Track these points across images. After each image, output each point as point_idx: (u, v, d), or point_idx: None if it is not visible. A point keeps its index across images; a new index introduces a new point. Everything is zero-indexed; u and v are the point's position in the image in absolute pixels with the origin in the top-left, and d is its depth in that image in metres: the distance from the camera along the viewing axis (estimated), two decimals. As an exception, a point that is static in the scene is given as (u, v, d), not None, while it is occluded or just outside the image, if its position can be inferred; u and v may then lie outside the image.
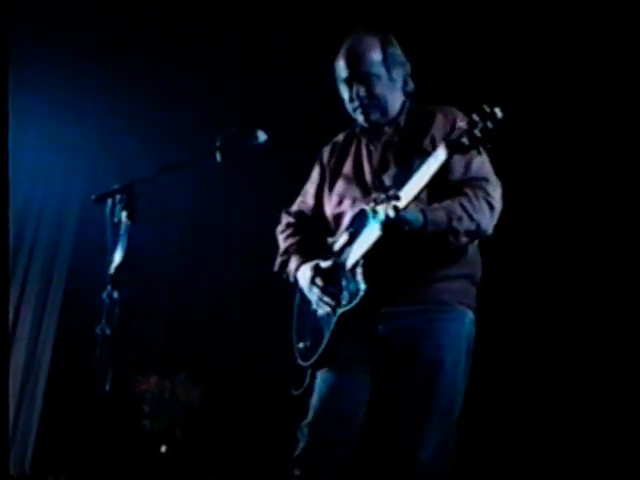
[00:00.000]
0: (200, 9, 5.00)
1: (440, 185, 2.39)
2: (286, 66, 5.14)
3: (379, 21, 4.58)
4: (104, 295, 2.19)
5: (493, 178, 2.55)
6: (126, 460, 4.62)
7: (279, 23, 5.04)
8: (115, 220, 2.27)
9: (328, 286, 2.58)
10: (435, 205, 2.45)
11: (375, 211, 2.36)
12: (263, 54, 5.18)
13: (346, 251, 2.57)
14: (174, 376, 4.95)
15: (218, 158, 2.46)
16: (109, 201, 2.29)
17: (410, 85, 2.70)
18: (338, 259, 2.60)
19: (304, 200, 2.92)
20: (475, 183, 2.49)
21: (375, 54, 2.61)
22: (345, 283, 2.54)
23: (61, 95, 5.26)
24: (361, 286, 2.46)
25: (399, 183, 2.38)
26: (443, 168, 2.27)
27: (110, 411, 2.17)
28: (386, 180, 2.58)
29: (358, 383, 2.58)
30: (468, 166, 2.51)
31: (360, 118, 2.68)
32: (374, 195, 2.43)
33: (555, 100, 4.66)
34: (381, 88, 2.61)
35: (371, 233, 2.42)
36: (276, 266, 2.86)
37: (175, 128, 5.41)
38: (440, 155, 2.24)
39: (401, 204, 2.29)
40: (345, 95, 2.68)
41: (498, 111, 2.16)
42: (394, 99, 2.66)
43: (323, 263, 2.64)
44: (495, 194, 2.51)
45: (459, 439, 2.53)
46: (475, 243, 2.60)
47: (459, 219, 2.41)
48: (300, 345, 2.69)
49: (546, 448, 4.40)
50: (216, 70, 5.33)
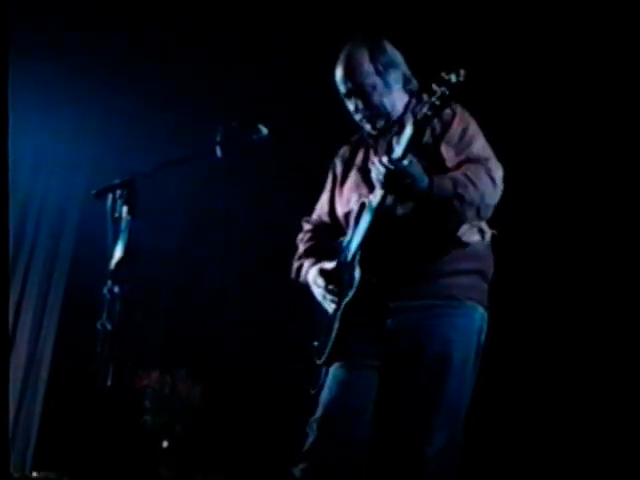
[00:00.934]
0: (200, 8, 5.00)
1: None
2: (286, 64, 5.15)
3: (377, 21, 4.64)
4: (105, 290, 2.19)
5: (494, 159, 2.56)
6: (127, 455, 4.63)
7: (279, 23, 5.04)
8: (116, 215, 2.27)
9: (329, 284, 2.63)
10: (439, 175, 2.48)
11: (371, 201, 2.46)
12: (263, 52, 5.18)
13: (349, 246, 2.62)
14: (175, 372, 4.96)
15: (219, 153, 2.46)
16: (110, 196, 2.29)
17: (413, 83, 2.72)
18: (342, 255, 2.64)
19: (321, 206, 2.96)
20: (476, 162, 2.51)
21: (365, 65, 2.65)
22: (347, 276, 2.56)
23: (61, 91, 5.26)
24: (356, 274, 2.49)
25: None
26: (437, 158, 2.46)
27: (111, 407, 2.17)
28: None
29: (367, 379, 2.59)
30: (467, 148, 2.53)
31: (367, 127, 2.73)
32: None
33: (558, 101, 4.66)
34: (378, 97, 2.66)
35: (365, 219, 2.49)
36: (292, 272, 2.90)
37: (176, 124, 5.41)
38: (407, 131, 2.36)
39: (395, 155, 2.37)
40: (349, 108, 2.73)
41: (453, 77, 2.27)
42: (395, 102, 2.69)
43: (328, 264, 2.68)
44: (497, 172, 2.52)
45: (464, 436, 2.53)
46: (485, 239, 2.61)
47: (464, 186, 2.41)
48: (315, 344, 2.70)
49: (550, 446, 4.40)
50: (217, 66, 5.33)
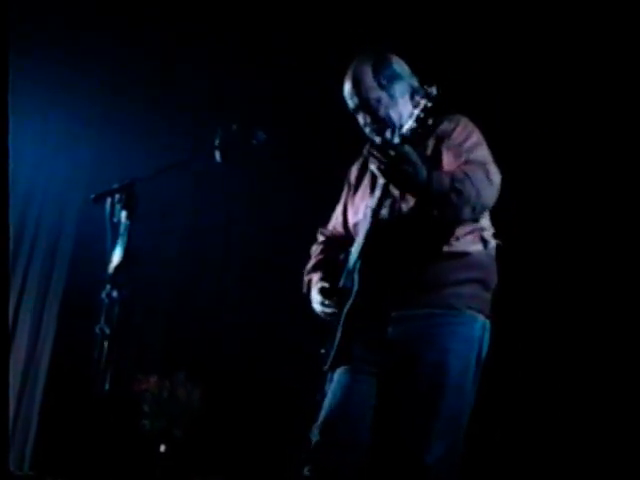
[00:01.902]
0: (200, 9, 5.01)
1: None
2: (286, 67, 5.15)
3: (379, 26, 4.66)
4: (103, 295, 2.19)
5: (493, 165, 2.58)
6: (125, 459, 4.62)
7: (279, 23, 5.05)
8: (115, 220, 2.27)
9: (326, 300, 2.70)
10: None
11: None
12: (263, 54, 5.19)
13: (350, 254, 2.67)
14: (174, 376, 4.95)
15: (217, 157, 2.46)
16: (108, 200, 2.29)
17: (419, 95, 2.67)
18: (345, 265, 2.68)
19: (336, 217, 3.00)
20: (475, 163, 2.54)
21: (368, 80, 2.72)
22: (349, 284, 2.60)
23: (60, 94, 5.26)
24: (355, 280, 2.54)
25: None
26: (438, 165, 2.53)
27: (109, 411, 2.16)
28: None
29: (369, 386, 2.62)
30: (467, 152, 2.56)
31: (377, 139, 2.77)
32: None
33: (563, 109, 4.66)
34: (384, 110, 2.71)
35: (365, 227, 2.55)
36: (303, 287, 2.91)
37: (176, 127, 5.41)
38: (395, 139, 2.46)
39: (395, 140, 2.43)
40: (359, 121, 2.80)
41: (433, 90, 2.42)
42: (402, 113, 2.71)
43: (323, 282, 2.76)
44: (494, 175, 2.53)
45: (466, 443, 2.54)
46: (488, 248, 2.63)
47: (461, 181, 2.43)
48: (322, 351, 2.73)
49: (553, 453, 4.40)
50: (216, 70, 5.34)
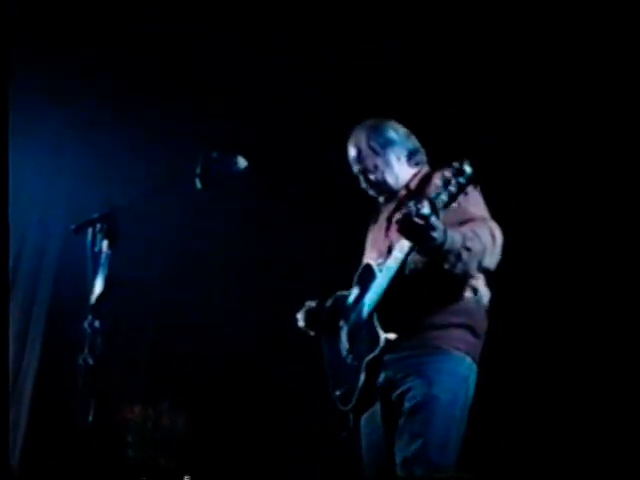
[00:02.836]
0: (182, 38, 5.02)
1: None
2: (269, 94, 5.18)
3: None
4: (86, 325, 2.18)
5: (492, 221, 2.78)
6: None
7: (265, 49, 5.07)
8: (96, 249, 2.26)
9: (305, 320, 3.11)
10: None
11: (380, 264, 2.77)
12: (247, 81, 5.21)
13: (360, 303, 2.84)
14: (158, 405, 4.92)
15: (198, 185, 2.47)
16: (89, 230, 2.29)
17: (418, 156, 3.00)
18: (354, 312, 2.87)
19: None
20: (478, 220, 2.74)
21: (363, 149, 2.98)
22: (364, 334, 2.78)
23: (40, 121, 5.24)
24: (381, 333, 2.69)
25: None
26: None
27: (93, 441, 2.15)
28: (391, 235, 2.86)
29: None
30: (467, 210, 2.72)
31: (380, 199, 3.06)
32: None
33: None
34: (381, 174, 2.96)
35: (380, 282, 2.72)
36: None
37: (156, 155, 5.40)
38: (425, 209, 2.51)
39: (425, 210, 2.52)
40: (361, 184, 3.06)
41: (467, 167, 2.50)
42: (399, 176, 2.97)
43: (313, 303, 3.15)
44: (496, 231, 2.73)
45: (470, 449, 2.68)
46: (478, 296, 2.81)
47: (471, 239, 2.62)
48: (337, 393, 2.92)
49: (557, 459, 4.40)
50: (198, 98, 5.34)
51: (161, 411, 4.90)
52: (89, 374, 2.15)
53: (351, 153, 3.03)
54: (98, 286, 2.23)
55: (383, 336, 2.67)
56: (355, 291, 2.92)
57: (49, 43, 5.03)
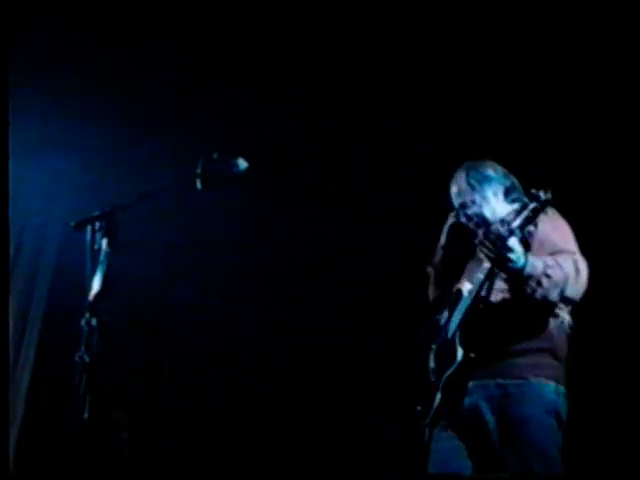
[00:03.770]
0: (181, 37, 5.03)
1: None
2: (269, 96, 5.18)
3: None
4: (83, 322, 2.18)
5: (578, 254, 2.96)
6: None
7: (262, 53, 5.08)
8: (95, 247, 2.26)
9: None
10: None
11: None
12: (246, 83, 5.22)
13: (447, 325, 3.01)
14: (153, 403, 4.92)
15: (198, 185, 2.47)
16: (89, 228, 2.29)
17: (515, 194, 3.13)
18: (442, 333, 3.02)
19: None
20: (564, 252, 2.92)
21: (463, 185, 3.14)
22: (447, 351, 2.94)
23: (40, 120, 5.25)
24: (459, 351, 2.86)
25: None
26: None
27: (88, 439, 2.15)
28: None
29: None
30: (555, 243, 2.95)
31: (479, 233, 3.13)
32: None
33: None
34: (478, 209, 3.12)
35: (464, 303, 2.92)
36: None
37: (157, 154, 5.41)
38: (502, 231, 2.76)
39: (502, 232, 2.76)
40: (462, 219, 3.21)
41: (542, 193, 2.74)
42: (496, 210, 3.11)
43: None
44: (582, 264, 2.90)
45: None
46: (558, 321, 2.96)
47: (552, 267, 2.80)
48: (418, 408, 3.03)
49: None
50: (199, 98, 5.35)
51: (157, 409, 4.90)
52: (85, 372, 2.15)
53: (452, 190, 3.19)
54: (96, 284, 2.22)
55: (461, 352, 2.83)
56: (446, 314, 3.06)
57: (49, 43, 5.04)
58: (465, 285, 3.03)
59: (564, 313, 3.00)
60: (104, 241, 2.26)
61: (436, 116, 4.91)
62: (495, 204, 3.12)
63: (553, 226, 2.99)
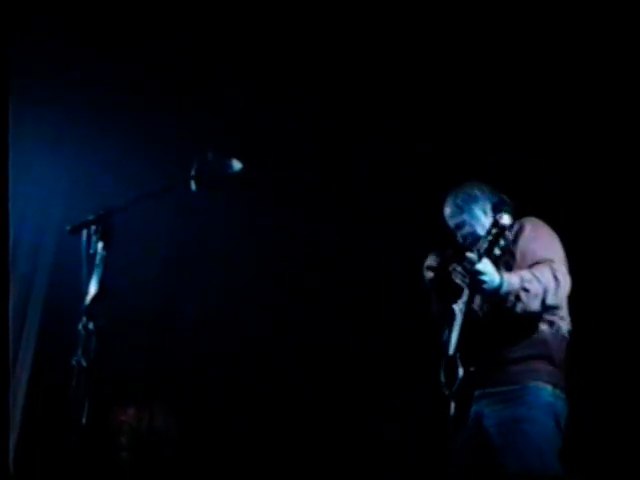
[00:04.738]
0: (174, 40, 5.02)
1: None
2: (269, 96, 5.18)
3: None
4: (80, 326, 2.18)
5: (559, 260, 3.08)
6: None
7: (262, 53, 5.08)
8: (91, 251, 2.26)
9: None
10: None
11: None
12: (246, 83, 5.21)
13: (448, 342, 3.13)
14: (152, 407, 4.91)
15: (193, 187, 2.46)
16: (84, 232, 2.28)
17: (505, 208, 3.19)
18: (445, 350, 3.14)
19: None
20: (542, 262, 3.02)
21: (452, 210, 3.30)
22: (451, 367, 3.06)
23: (35, 124, 5.24)
24: (460, 369, 3.00)
25: None
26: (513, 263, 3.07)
27: (87, 443, 2.14)
28: None
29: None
30: (534, 253, 3.07)
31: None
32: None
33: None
34: (470, 228, 3.26)
35: (458, 322, 3.04)
36: None
37: (151, 157, 5.40)
38: (471, 257, 2.91)
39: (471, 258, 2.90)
40: (458, 239, 3.34)
41: (501, 219, 2.83)
42: (486, 227, 3.10)
43: None
44: (559, 272, 3.00)
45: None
46: (555, 328, 3.07)
47: (529, 281, 2.92)
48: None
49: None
50: (193, 100, 5.34)
51: (155, 414, 4.89)
52: (82, 376, 2.14)
53: (445, 214, 3.34)
54: (93, 288, 2.22)
55: (461, 370, 2.98)
56: (446, 332, 3.17)
57: (49, 44, 5.03)
58: (457, 304, 3.14)
59: (559, 320, 3.10)
60: (100, 244, 2.26)
61: (436, 116, 4.89)
62: (485, 220, 3.23)
63: (533, 237, 3.12)
